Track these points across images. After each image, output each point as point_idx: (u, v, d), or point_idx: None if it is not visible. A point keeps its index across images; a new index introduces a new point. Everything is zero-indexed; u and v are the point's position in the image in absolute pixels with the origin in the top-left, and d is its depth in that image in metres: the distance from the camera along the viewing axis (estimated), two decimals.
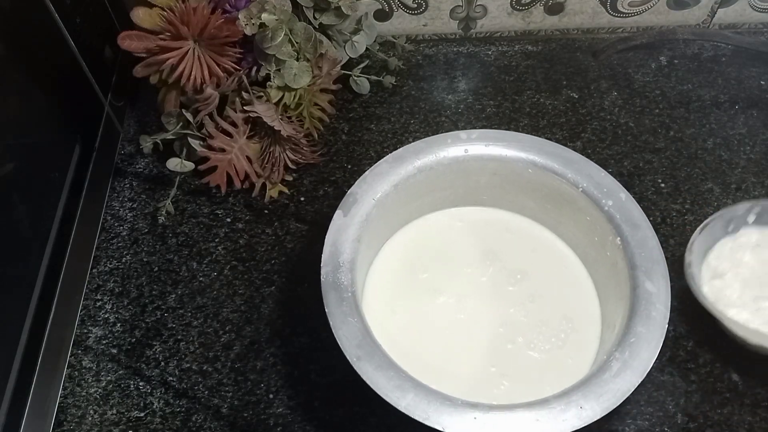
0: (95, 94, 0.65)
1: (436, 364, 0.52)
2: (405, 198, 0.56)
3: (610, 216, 0.51)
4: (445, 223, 0.59)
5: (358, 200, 0.53)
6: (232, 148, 0.61)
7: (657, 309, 0.46)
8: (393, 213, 0.56)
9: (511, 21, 0.76)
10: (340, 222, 0.51)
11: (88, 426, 0.53)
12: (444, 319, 0.55)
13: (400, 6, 0.74)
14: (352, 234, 0.51)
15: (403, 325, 0.54)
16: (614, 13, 0.76)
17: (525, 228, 0.59)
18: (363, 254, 0.52)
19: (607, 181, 0.53)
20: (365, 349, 0.45)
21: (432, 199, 0.59)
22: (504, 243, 0.58)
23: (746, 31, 0.78)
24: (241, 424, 0.52)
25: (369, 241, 0.53)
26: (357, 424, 0.52)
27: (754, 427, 0.52)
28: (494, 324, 0.54)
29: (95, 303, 0.59)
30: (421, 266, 0.57)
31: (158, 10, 0.59)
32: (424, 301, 0.56)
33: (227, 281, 0.60)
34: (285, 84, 0.62)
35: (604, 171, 0.53)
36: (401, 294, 0.56)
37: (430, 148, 0.55)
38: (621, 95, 0.72)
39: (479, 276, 0.57)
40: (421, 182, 0.55)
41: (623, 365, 0.44)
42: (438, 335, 0.54)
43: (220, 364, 0.55)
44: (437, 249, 0.58)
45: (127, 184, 0.67)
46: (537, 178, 0.55)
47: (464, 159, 0.56)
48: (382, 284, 0.56)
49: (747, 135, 0.69)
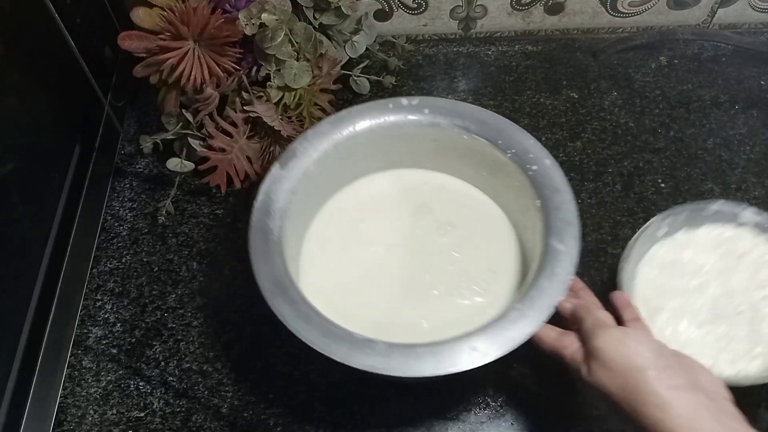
0: (95, 94, 0.65)
1: (360, 307, 0.54)
2: (346, 157, 0.58)
3: (533, 180, 0.53)
4: (386, 183, 0.62)
5: (297, 155, 0.55)
6: (232, 148, 0.61)
7: (562, 266, 0.48)
8: (334, 171, 0.58)
9: (511, 21, 0.76)
10: (276, 173, 0.54)
11: (88, 426, 0.53)
12: (372, 267, 0.57)
13: (400, 6, 0.74)
14: (287, 185, 0.53)
15: (334, 271, 0.56)
16: (614, 13, 0.76)
17: (460, 189, 0.61)
18: (300, 206, 0.55)
19: (536, 148, 0.54)
20: (281, 287, 0.48)
21: (375, 161, 0.61)
22: (439, 200, 0.60)
23: (746, 31, 0.78)
24: (241, 424, 0.52)
25: (308, 193, 0.56)
26: (357, 424, 0.52)
27: (754, 427, 0.52)
28: (421, 271, 0.56)
29: (95, 303, 0.59)
30: (359, 219, 0.60)
31: (158, 10, 0.59)
32: (357, 250, 0.58)
33: (227, 281, 0.60)
34: (285, 84, 0.62)
35: (533, 138, 0.55)
36: (339, 245, 0.58)
37: (371, 111, 0.57)
38: (621, 95, 0.72)
39: (412, 227, 0.59)
40: (361, 143, 0.57)
41: (521, 315, 0.46)
42: (365, 281, 0.56)
43: (220, 364, 0.55)
44: (376, 205, 0.61)
45: (127, 184, 0.67)
46: (472, 145, 0.57)
47: (403, 124, 0.57)
48: (322, 235, 0.59)
49: (747, 135, 0.69)
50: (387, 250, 0.58)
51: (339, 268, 0.57)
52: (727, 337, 0.51)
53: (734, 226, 0.55)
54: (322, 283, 0.55)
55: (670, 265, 0.54)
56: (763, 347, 0.50)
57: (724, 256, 0.54)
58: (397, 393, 0.53)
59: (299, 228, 0.58)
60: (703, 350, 0.50)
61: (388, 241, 0.58)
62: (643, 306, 0.52)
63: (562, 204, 0.51)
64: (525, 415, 0.53)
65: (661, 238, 0.55)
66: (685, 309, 0.52)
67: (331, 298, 0.53)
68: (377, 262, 0.57)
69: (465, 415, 0.53)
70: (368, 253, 0.58)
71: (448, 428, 0.52)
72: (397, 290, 0.55)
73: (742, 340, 0.50)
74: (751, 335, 0.50)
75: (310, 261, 0.57)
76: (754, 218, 0.54)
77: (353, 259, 0.57)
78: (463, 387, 0.54)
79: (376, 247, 0.58)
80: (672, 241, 0.55)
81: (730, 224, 0.55)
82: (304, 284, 0.52)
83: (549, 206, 0.51)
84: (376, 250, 0.58)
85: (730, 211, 0.54)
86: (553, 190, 0.52)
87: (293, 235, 0.54)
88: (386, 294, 0.55)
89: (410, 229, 0.59)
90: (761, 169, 0.66)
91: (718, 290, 0.53)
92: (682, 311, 0.52)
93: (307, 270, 0.56)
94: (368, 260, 0.57)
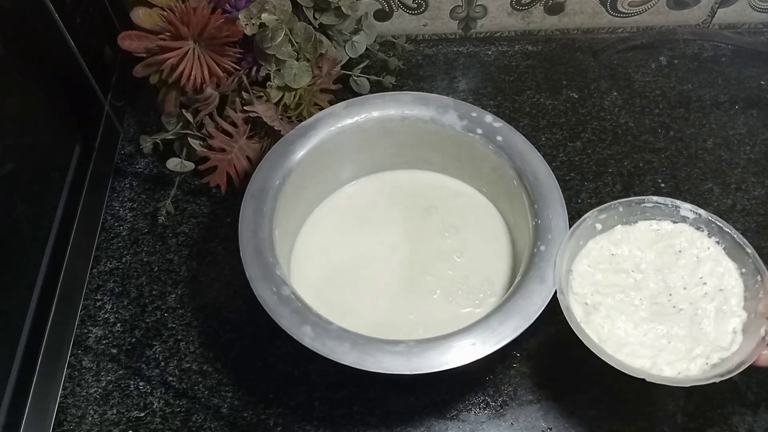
0: (95, 94, 0.65)
1: (353, 303, 0.55)
2: (357, 146, 0.59)
3: (527, 193, 0.53)
4: (396, 181, 0.63)
5: (293, 146, 0.56)
6: (232, 148, 0.61)
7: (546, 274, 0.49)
8: (340, 162, 0.60)
9: (511, 21, 0.76)
10: (271, 163, 0.55)
11: (88, 426, 0.53)
12: (373, 262, 0.58)
13: (400, 6, 0.74)
14: (281, 176, 0.54)
15: (331, 265, 0.58)
16: (614, 13, 0.76)
17: (467, 192, 0.62)
18: (295, 199, 0.56)
19: (545, 174, 0.54)
20: (266, 270, 0.49)
21: (389, 159, 0.62)
22: (446, 202, 0.61)
23: (746, 31, 0.78)
24: (241, 424, 0.52)
25: (305, 186, 0.57)
26: (357, 424, 0.52)
27: (754, 427, 0.52)
28: (421, 272, 0.57)
29: (95, 303, 0.59)
30: (364, 216, 0.61)
31: (158, 10, 0.59)
32: (357, 245, 0.59)
33: (227, 281, 0.60)
34: (285, 84, 0.62)
35: (546, 167, 0.54)
36: (339, 235, 0.59)
37: (386, 103, 0.58)
38: (621, 95, 0.72)
39: (418, 227, 0.60)
40: (375, 134, 0.58)
41: (506, 316, 0.47)
42: (363, 278, 0.57)
43: (220, 364, 0.55)
44: (384, 201, 0.61)
45: (127, 184, 0.67)
46: (496, 162, 0.56)
47: (420, 122, 0.58)
48: (322, 226, 0.60)
49: (747, 135, 0.69)
50: (389, 248, 0.58)
51: (338, 263, 0.57)
52: (667, 336, 0.48)
53: (672, 221, 0.53)
54: (315, 276, 0.56)
55: (607, 260, 0.52)
56: (703, 347, 0.47)
57: (662, 252, 0.52)
58: (397, 393, 0.54)
59: (299, 214, 0.59)
60: (642, 350, 0.48)
61: (391, 239, 0.59)
62: (580, 302, 0.50)
63: (552, 221, 0.51)
64: (525, 415, 0.53)
65: (598, 233, 0.53)
66: (623, 306, 0.50)
67: (323, 292, 0.54)
68: (378, 257, 0.58)
69: (465, 415, 0.53)
70: (369, 249, 0.58)
71: (448, 428, 0.52)
72: (395, 289, 0.56)
73: (682, 339, 0.48)
74: (691, 334, 0.48)
75: (305, 254, 0.58)
76: (692, 214, 0.52)
77: (355, 255, 0.58)
78: (463, 387, 0.54)
79: (379, 246, 0.59)
80: (609, 236, 0.53)
81: (668, 219, 0.53)
82: (296, 277, 0.53)
83: (541, 223, 0.51)
84: (378, 249, 0.58)
85: (668, 206, 0.53)
86: (545, 206, 0.52)
87: (286, 228, 0.56)
88: (384, 292, 0.56)
89: (416, 228, 0.59)
90: (761, 169, 0.66)
91: (657, 287, 0.51)
92: (620, 308, 0.50)
93: (301, 263, 0.57)
94: (369, 256, 0.58)
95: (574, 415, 0.52)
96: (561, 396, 0.53)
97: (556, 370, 0.55)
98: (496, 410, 0.53)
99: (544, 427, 0.52)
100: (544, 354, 0.55)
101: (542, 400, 0.53)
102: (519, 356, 0.55)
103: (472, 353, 0.45)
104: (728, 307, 0.49)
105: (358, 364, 0.45)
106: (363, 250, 0.59)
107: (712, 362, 0.47)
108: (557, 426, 0.52)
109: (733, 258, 0.50)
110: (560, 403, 0.53)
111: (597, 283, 0.51)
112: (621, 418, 0.52)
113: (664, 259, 0.52)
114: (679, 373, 0.46)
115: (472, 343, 0.45)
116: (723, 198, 0.64)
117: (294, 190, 0.55)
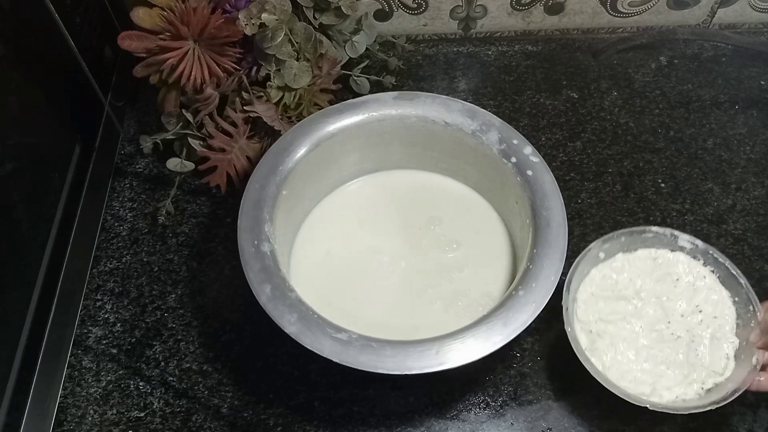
0: (95, 94, 0.65)
1: (353, 304, 0.55)
2: (366, 143, 0.59)
3: (534, 235, 0.52)
4: (399, 183, 0.63)
5: (292, 146, 0.56)
6: (232, 148, 0.61)
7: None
8: (344, 158, 0.60)
9: (511, 21, 0.76)
10: (268, 166, 0.55)
11: (88, 426, 0.53)
12: (373, 270, 0.58)
13: (400, 6, 0.74)
14: (279, 179, 0.54)
15: (331, 268, 0.58)
16: (614, 13, 0.76)
17: (468, 197, 0.62)
18: (296, 197, 0.56)
19: (549, 185, 0.53)
20: (266, 272, 0.49)
21: (397, 156, 0.62)
22: (449, 210, 0.61)
23: (746, 31, 0.78)
24: (241, 424, 0.52)
25: (306, 186, 0.58)
26: (357, 424, 0.52)
27: (754, 427, 0.52)
28: (422, 283, 0.56)
29: (95, 303, 0.59)
30: (366, 218, 0.60)
31: (158, 10, 0.59)
32: (359, 250, 0.59)
33: (227, 281, 0.60)
34: (285, 84, 0.62)
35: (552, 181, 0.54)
36: (340, 235, 0.59)
37: (395, 102, 0.58)
38: (621, 95, 0.72)
39: (419, 238, 0.59)
40: (385, 131, 0.59)
41: (503, 316, 0.47)
42: (362, 283, 0.57)
43: (220, 364, 0.55)
44: (389, 204, 0.61)
45: (127, 184, 0.67)
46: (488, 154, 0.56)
47: (423, 121, 0.58)
48: (323, 225, 0.60)
49: (747, 135, 0.69)
50: (390, 257, 0.58)
51: (337, 264, 0.57)
52: (666, 362, 0.51)
53: (670, 250, 0.55)
54: (315, 276, 0.56)
55: (609, 288, 0.54)
56: (698, 372, 0.50)
57: (661, 280, 0.54)
58: (397, 393, 0.54)
59: (292, 222, 0.58)
60: (643, 376, 0.50)
61: (391, 249, 0.59)
62: (584, 330, 0.52)
63: (552, 241, 0.51)
64: (525, 415, 0.53)
65: (601, 261, 0.55)
66: (625, 333, 0.52)
67: (323, 293, 0.54)
68: (378, 266, 0.58)
69: (465, 415, 0.53)
70: (371, 256, 0.58)
71: (448, 428, 0.52)
72: (395, 295, 0.56)
73: (680, 365, 0.51)
74: (688, 360, 0.51)
75: (303, 254, 0.58)
76: (689, 244, 0.54)
77: (357, 260, 0.58)
78: (463, 387, 0.54)
79: (381, 255, 0.58)
80: (611, 263, 0.55)
81: (667, 248, 0.55)
82: (295, 276, 0.54)
83: (539, 241, 0.51)
84: (381, 257, 0.58)
85: (666, 236, 0.55)
86: (546, 226, 0.52)
87: (287, 227, 0.56)
88: (384, 297, 0.56)
89: (417, 239, 0.59)
90: (761, 169, 0.66)
91: (656, 314, 0.53)
92: (622, 335, 0.52)
93: (300, 263, 0.57)
94: (371, 264, 0.58)
95: (574, 415, 0.52)
96: (561, 396, 0.53)
97: (555, 370, 0.55)
98: (496, 410, 0.53)
99: (544, 427, 0.52)
100: (544, 354, 0.55)
101: (542, 400, 0.53)
102: (519, 356, 0.55)
103: (469, 354, 0.45)
104: (722, 334, 0.52)
105: (358, 365, 0.45)
106: (364, 251, 0.59)
107: (707, 387, 0.50)
108: (557, 426, 0.52)
109: (727, 287, 0.53)
110: (560, 403, 0.53)
111: (600, 310, 0.53)
112: (621, 418, 0.52)
113: (663, 286, 0.54)
114: (677, 397, 0.49)
115: (468, 344, 0.45)
116: (723, 198, 0.64)
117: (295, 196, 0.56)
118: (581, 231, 0.62)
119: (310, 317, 0.46)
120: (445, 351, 0.45)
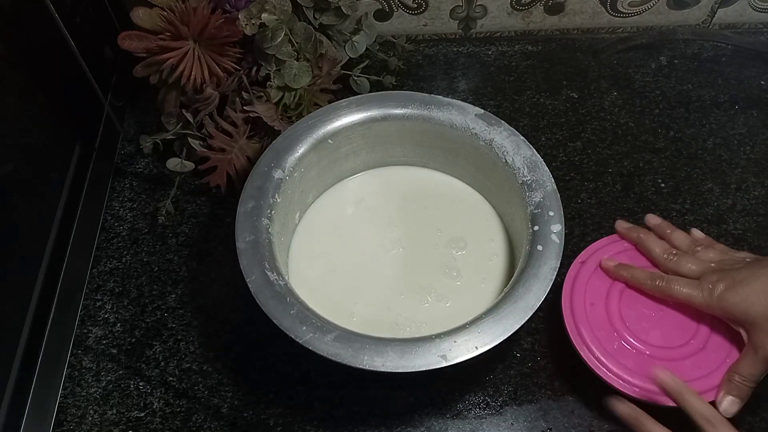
0: (95, 94, 0.65)
1: (349, 301, 0.55)
2: (370, 143, 0.59)
3: (533, 218, 0.52)
4: (399, 179, 0.63)
5: (293, 147, 0.56)
6: (232, 148, 0.61)
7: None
8: (346, 155, 0.60)
9: (511, 21, 0.76)
10: (267, 161, 0.55)
11: (88, 426, 0.53)
12: (368, 266, 0.58)
13: (400, 6, 0.74)
14: (279, 174, 0.54)
15: (330, 264, 0.58)
16: (614, 13, 0.76)
17: (472, 198, 0.62)
18: (295, 195, 0.56)
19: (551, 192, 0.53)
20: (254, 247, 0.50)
21: (398, 152, 0.62)
22: (451, 210, 0.61)
23: (746, 31, 0.78)
24: (241, 424, 0.52)
25: (307, 181, 0.58)
26: (357, 424, 0.52)
27: (754, 427, 0.52)
28: (422, 284, 0.56)
29: (95, 303, 0.59)
30: (365, 214, 0.60)
31: (158, 10, 0.59)
32: (358, 247, 0.58)
33: (228, 281, 0.60)
34: (285, 84, 0.62)
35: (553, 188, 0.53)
36: (339, 231, 0.59)
37: (400, 102, 0.58)
38: (621, 95, 0.72)
39: (421, 236, 0.59)
40: (388, 131, 0.59)
41: (500, 315, 0.47)
42: (360, 281, 0.57)
43: (220, 364, 0.55)
44: (389, 201, 0.61)
45: (127, 184, 0.67)
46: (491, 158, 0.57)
47: (428, 121, 0.58)
48: (322, 220, 0.60)
49: (747, 135, 0.69)
50: (389, 254, 0.58)
51: (335, 261, 0.58)
52: None
53: None
54: (313, 275, 0.56)
55: None
56: None
57: None
58: (397, 393, 0.54)
59: (300, 204, 0.59)
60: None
61: (390, 246, 0.59)
62: None
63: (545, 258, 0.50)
64: (525, 415, 0.53)
65: None
66: None
67: (322, 291, 0.54)
68: (377, 263, 0.58)
69: (465, 415, 0.53)
70: (371, 250, 0.58)
71: (448, 428, 0.52)
72: (393, 295, 0.56)
73: None
74: None
75: (300, 251, 0.58)
76: None
77: (354, 254, 0.58)
78: (463, 387, 0.54)
79: (379, 251, 0.58)
80: None
81: None
82: (293, 274, 0.54)
83: (537, 243, 0.51)
84: (380, 252, 0.58)
85: None
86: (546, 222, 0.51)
87: (285, 223, 0.56)
88: (382, 296, 0.56)
89: (416, 236, 0.59)
90: (761, 169, 0.66)
91: None
92: None
93: (297, 259, 0.57)
94: (368, 260, 0.58)
95: (574, 415, 0.52)
96: (561, 396, 0.53)
97: (556, 370, 0.55)
98: (496, 410, 0.53)
99: (544, 427, 0.52)
100: (544, 354, 0.55)
101: (542, 400, 0.53)
102: (519, 356, 0.55)
103: (468, 352, 0.45)
104: None
105: (357, 363, 0.45)
106: (363, 248, 0.59)
107: None
108: (557, 426, 0.52)
109: None
110: (560, 403, 0.53)
111: None
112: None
113: None
114: None
115: (467, 342, 0.45)
116: (723, 198, 0.64)
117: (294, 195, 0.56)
118: (581, 231, 0.62)
119: (307, 315, 0.46)
120: (444, 348, 0.45)
